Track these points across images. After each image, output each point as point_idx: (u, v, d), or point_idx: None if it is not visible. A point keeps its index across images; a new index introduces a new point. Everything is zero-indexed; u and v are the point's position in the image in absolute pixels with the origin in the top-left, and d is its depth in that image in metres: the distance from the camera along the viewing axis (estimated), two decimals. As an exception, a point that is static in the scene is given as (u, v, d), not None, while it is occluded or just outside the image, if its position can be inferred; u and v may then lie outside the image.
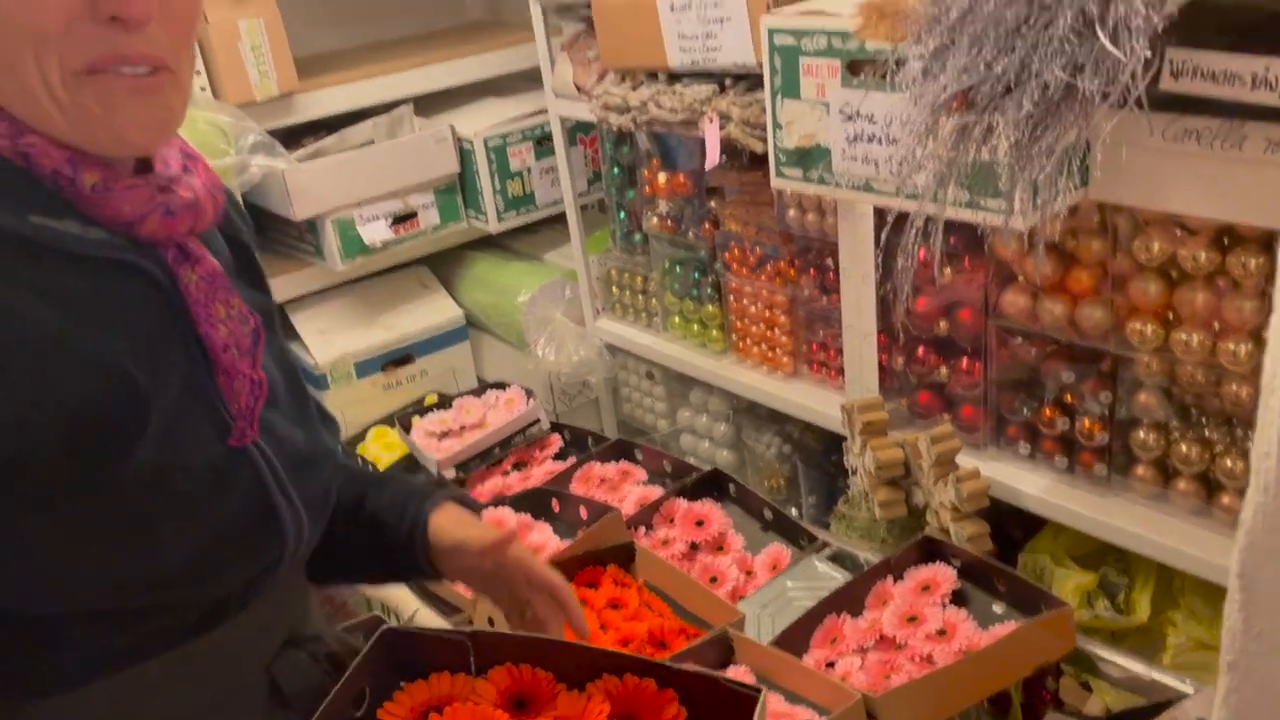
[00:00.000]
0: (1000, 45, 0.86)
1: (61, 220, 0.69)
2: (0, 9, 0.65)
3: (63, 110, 0.68)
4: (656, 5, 1.59)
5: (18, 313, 0.67)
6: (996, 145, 0.89)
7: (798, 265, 1.73)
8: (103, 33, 0.66)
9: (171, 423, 0.74)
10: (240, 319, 0.79)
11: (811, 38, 1.17)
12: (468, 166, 2.20)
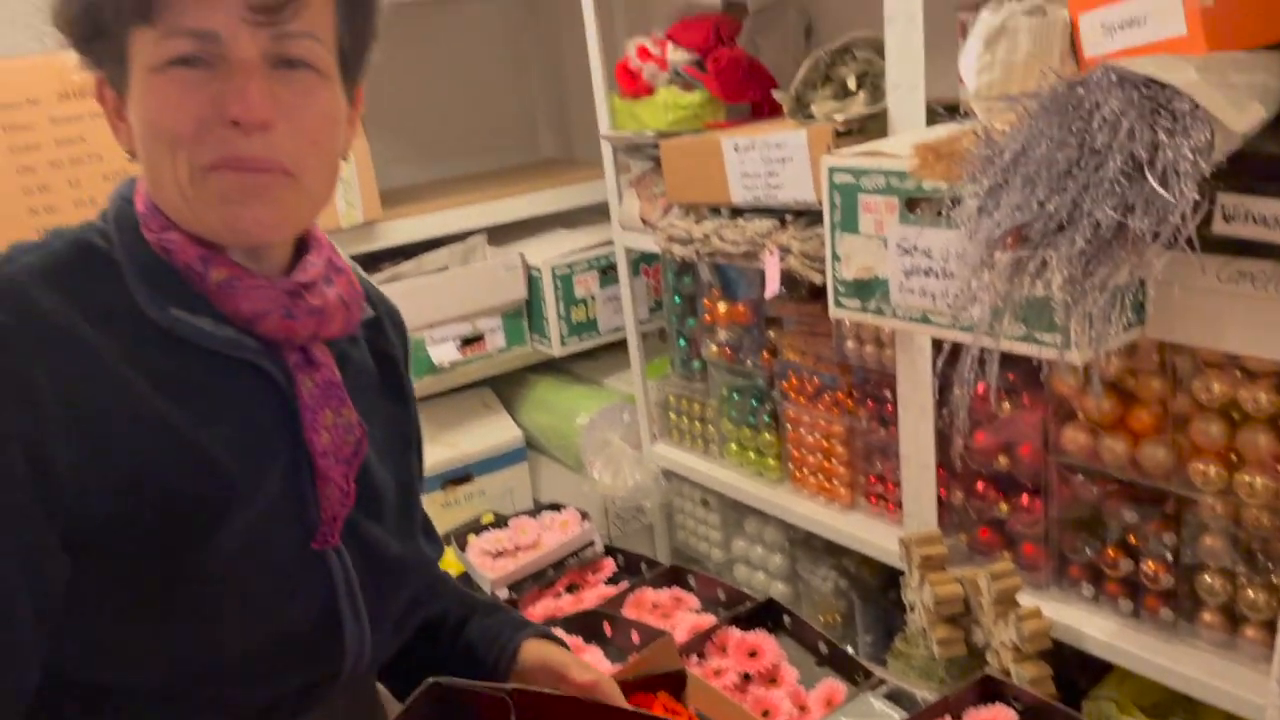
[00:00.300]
0: (1052, 185, 0.89)
1: (197, 316, 0.75)
2: (146, 115, 0.73)
3: (188, 203, 0.75)
4: (721, 146, 1.67)
5: (133, 393, 0.72)
6: (1050, 280, 0.91)
7: (855, 396, 1.75)
8: (226, 134, 0.73)
9: (262, 517, 0.77)
10: (345, 428, 0.82)
11: (870, 177, 1.21)
12: (535, 293, 2.28)
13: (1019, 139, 0.92)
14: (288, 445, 0.80)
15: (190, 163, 0.73)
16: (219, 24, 0.72)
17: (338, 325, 0.83)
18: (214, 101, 0.73)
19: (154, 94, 0.73)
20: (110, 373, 0.71)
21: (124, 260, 0.76)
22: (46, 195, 1.75)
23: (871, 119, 1.50)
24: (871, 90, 1.53)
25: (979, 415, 1.50)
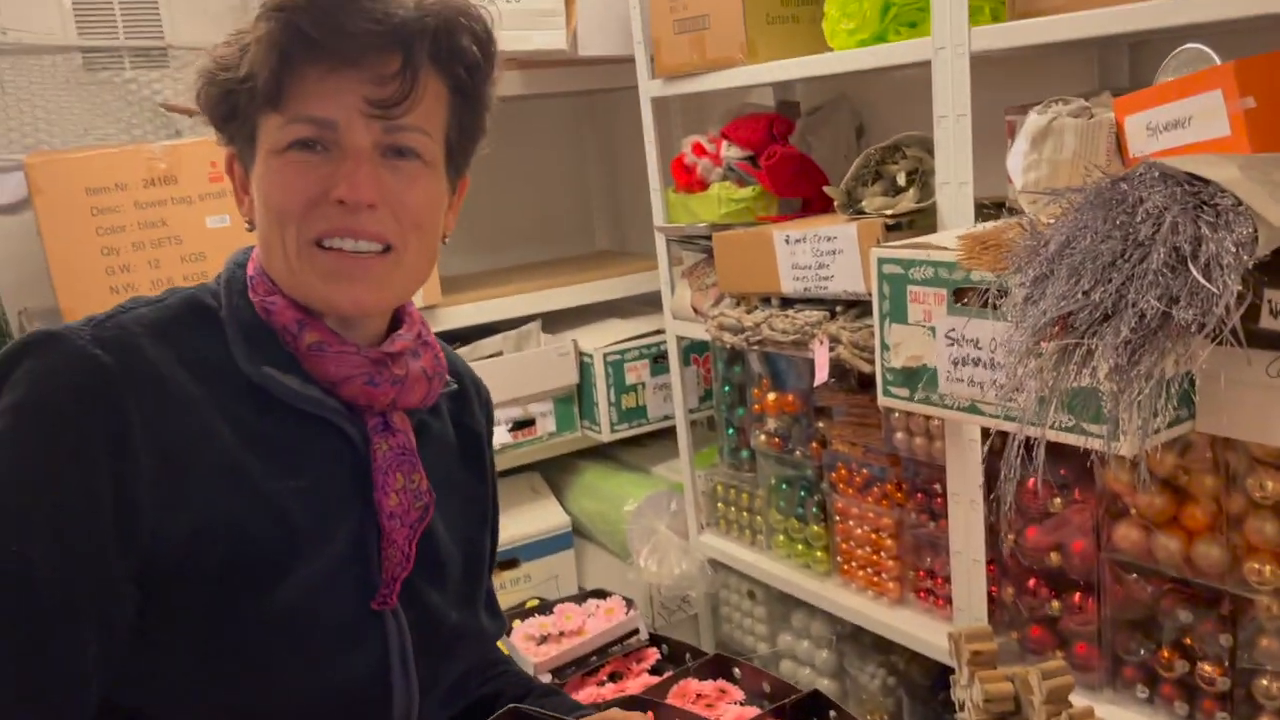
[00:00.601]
0: (1097, 276, 0.91)
1: (286, 374, 0.80)
2: (264, 192, 0.80)
3: (294, 274, 0.81)
4: (773, 238, 1.71)
5: (219, 441, 0.76)
6: (1096, 369, 0.92)
7: (905, 489, 1.74)
8: (332, 212, 0.80)
9: (325, 572, 0.80)
10: (414, 494, 0.85)
11: (918, 268, 1.24)
12: (586, 379, 2.32)
13: (1064, 230, 0.95)
14: (358, 505, 0.83)
15: (299, 238, 0.80)
16: (339, 114, 0.79)
17: (418, 396, 0.87)
18: (324, 182, 0.79)
19: (273, 173, 0.80)
20: (200, 421, 0.76)
21: (228, 319, 0.82)
22: (127, 275, 1.84)
23: (921, 214, 1.54)
24: (921, 187, 1.57)
25: (1031, 510, 1.49)
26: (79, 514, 0.71)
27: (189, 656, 0.76)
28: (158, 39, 2.41)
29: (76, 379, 0.73)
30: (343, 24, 0.77)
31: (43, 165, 1.82)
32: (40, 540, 0.71)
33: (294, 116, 0.79)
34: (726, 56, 1.82)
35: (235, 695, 0.77)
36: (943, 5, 1.42)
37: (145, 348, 0.76)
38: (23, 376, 0.73)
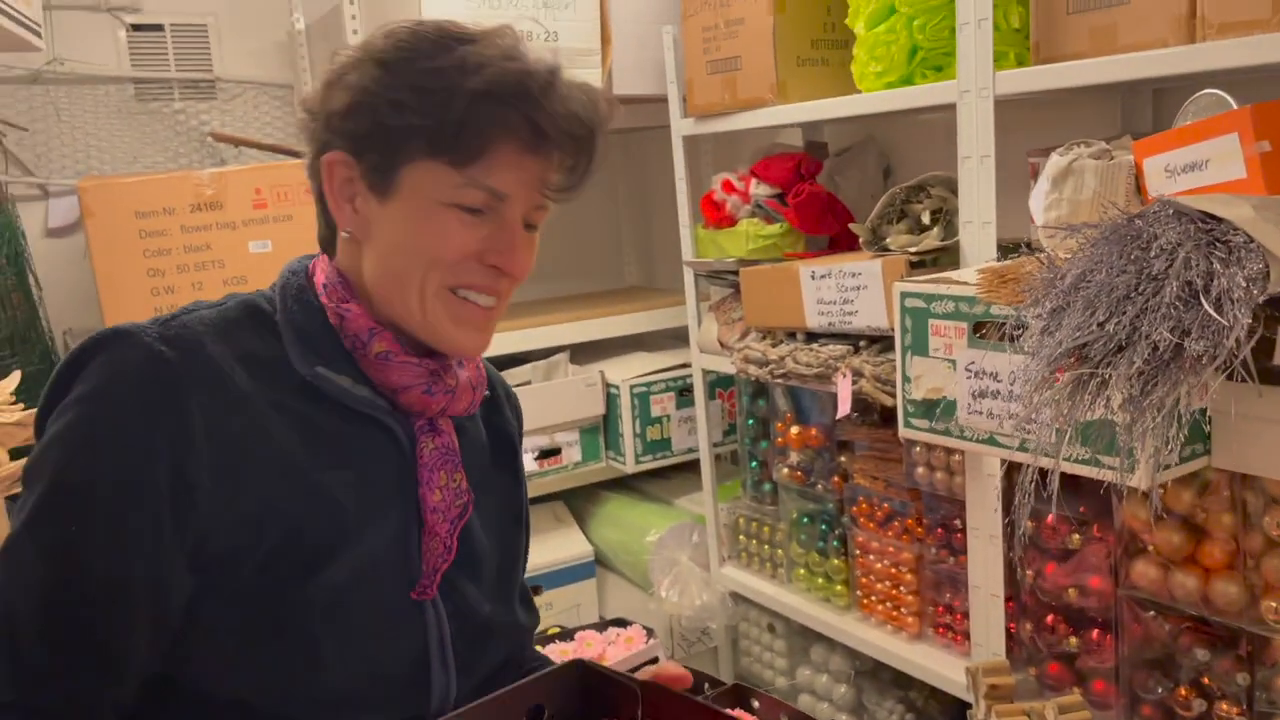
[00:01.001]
0: (1112, 309, 0.94)
1: (339, 375, 0.85)
2: (416, 234, 0.84)
3: (424, 310, 0.86)
4: (799, 273, 1.75)
5: (271, 434, 0.80)
6: (1110, 398, 0.95)
7: (925, 524, 1.76)
8: (482, 270, 0.87)
9: (370, 560, 0.84)
10: (456, 492, 0.90)
11: (940, 302, 1.27)
12: (612, 410, 2.35)
13: (1080, 264, 0.98)
14: (402, 500, 0.87)
15: (440, 282, 0.86)
16: (515, 191, 0.85)
17: (464, 404, 0.92)
18: (481, 244, 0.85)
19: (434, 223, 0.84)
20: (255, 415, 0.80)
21: (283, 322, 0.87)
22: (171, 296, 1.90)
23: (944, 252, 1.57)
24: (945, 226, 1.60)
25: (1050, 547, 1.50)
26: (136, 501, 0.76)
27: (241, 637, 0.79)
28: (206, 72, 2.50)
29: (143, 373, 0.78)
30: (560, 124, 0.83)
31: (95, 189, 1.89)
32: (96, 523, 0.75)
33: (474, 182, 0.83)
34: (757, 97, 1.87)
35: (288, 674, 0.80)
36: (968, 50, 1.47)
37: (207, 346, 0.81)
38: (94, 370, 0.78)
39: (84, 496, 0.76)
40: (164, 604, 0.78)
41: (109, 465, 0.76)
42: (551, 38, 2.03)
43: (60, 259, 2.30)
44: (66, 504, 0.76)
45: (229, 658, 0.80)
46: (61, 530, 0.75)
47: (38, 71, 2.30)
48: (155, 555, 0.76)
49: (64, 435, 0.77)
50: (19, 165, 2.31)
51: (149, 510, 0.76)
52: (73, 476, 0.76)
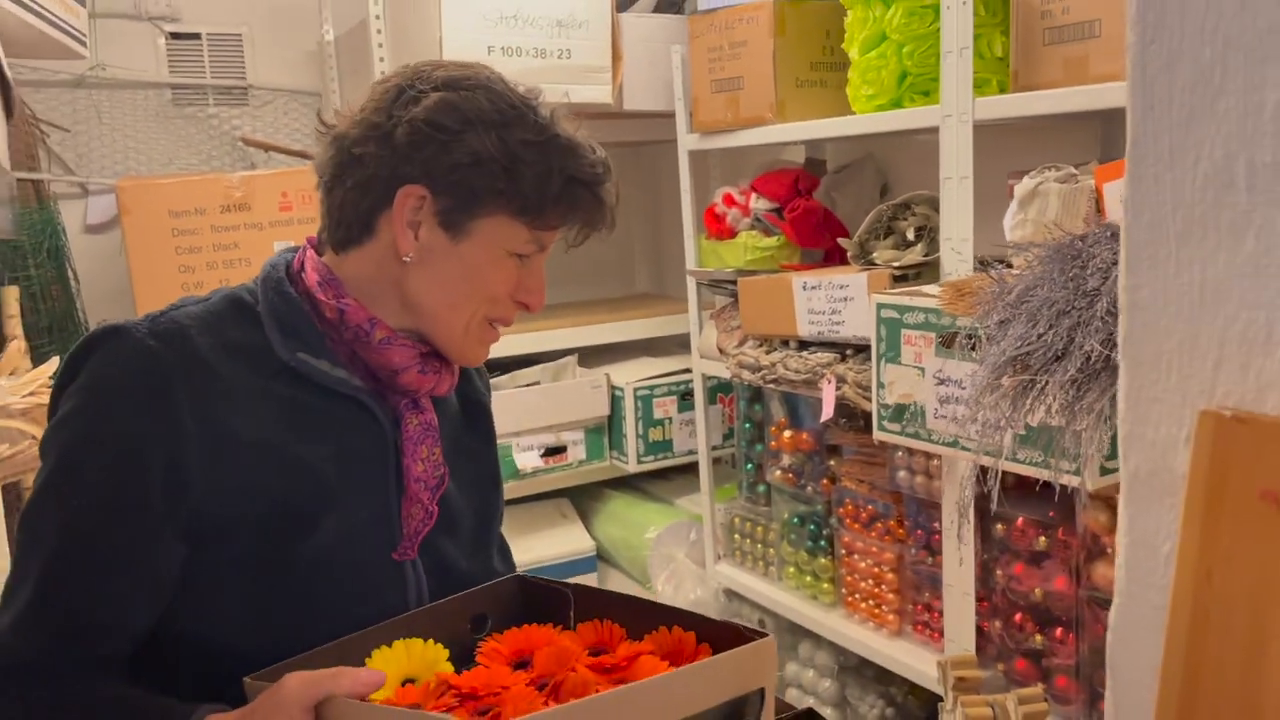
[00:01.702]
0: (1051, 321, 1.02)
1: (318, 360, 0.94)
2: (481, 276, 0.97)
3: (465, 334, 0.99)
4: (793, 284, 1.84)
5: (256, 415, 0.90)
6: (1049, 403, 1.04)
7: (906, 525, 1.84)
8: (511, 305, 1.00)
9: (354, 525, 0.93)
10: (435, 464, 1.00)
11: (912, 313, 1.36)
12: (616, 411, 2.45)
13: (1025, 281, 1.07)
14: (382, 470, 0.97)
15: (486, 314, 1.00)
16: (550, 243, 1.01)
17: (447, 384, 1.02)
18: (516, 280, 1.00)
19: (498, 268, 0.98)
20: (239, 398, 0.90)
21: (265, 312, 0.96)
22: (200, 291, 2.01)
23: (927, 267, 1.66)
24: (929, 242, 1.69)
25: (1019, 548, 1.58)
26: (129, 479, 0.86)
27: (240, 596, 0.89)
28: (240, 79, 2.63)
29: (135, 366, 0.87)
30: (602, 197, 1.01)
31: (132, 189, 2.01)
32: (96, 499, 0.85)
33: (536, 239, 0.99)
34: (758, 115, 1.96)
35: (284, 627, 0.90)
36: (950, 76, 1.56)
37: (193, 338, 0.90)
38: (93, 363, 0.88)
39: (84, 474, 0.86)
40: (157, 570, 0.88)
41: (105, 448, 0.86)
42: (565, 55, 2.13)
43: (96, 254, 2.42)
44: (70, 480, 0.86)
45: (228, 614, 0.89)
46: (65, 503, 0.86)
47: (81, 76, 2.43)
48: (147, 526, 0.86)
49: (68, 420, 0.88)
50: (61, 164, 2.44)
51: (141, 487, 0.86)
52: (75, 457, 0.87)
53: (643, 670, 0.83)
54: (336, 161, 0.97)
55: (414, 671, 0.85)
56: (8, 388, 1.50)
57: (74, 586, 0.86)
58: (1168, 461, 0.47)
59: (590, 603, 0.92)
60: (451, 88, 0.94)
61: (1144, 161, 0.46)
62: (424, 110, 0.93)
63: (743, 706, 0.82)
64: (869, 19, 1.72)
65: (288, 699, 0.76)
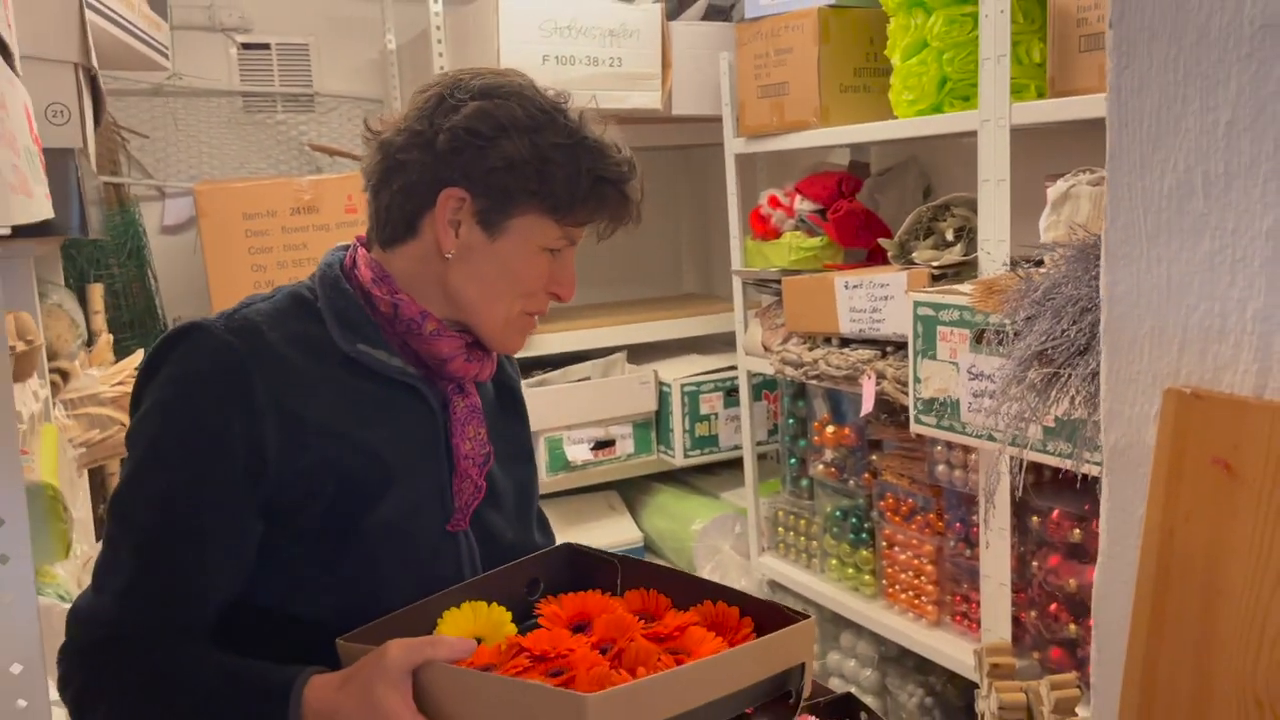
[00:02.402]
0: (1075, 317, 1.08)
1: (376, 350, 1.03)
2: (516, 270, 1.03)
3: (505, 325, 1.06)
4: (834, 284, 1.90)
5: (322, 401, 0.99)
6: (1074, 396, 1.09)
7: (946, 519, 1.89)
8: (544, 297, 1.07)
9: (411, 501, 1.02)
10: (480, 443, 1.08)
11: (947, 311, 1.42)
12: (664, 407, 2.52)
13: (1051, 278, 1.12)
14: (435, 450, 1.05)
15: (522, 308, 1.06)
16: (580, 237, 1.07)
17: (488, 370, 1.10)
18: (549, 274, 1.06)
19: (532, 263, 1.04)
20: (307, 386, 0.99)
21: (324, 307, 1.04)
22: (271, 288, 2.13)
23: (965, 266, 1.71)
24: (968, 242, 1.74)
25: (1055, 540, 1.63)
26: (214, 461, 0.94)
27: (314, 564, 0.98)
28: (306, 87, 2.75)
29: (214, 358, 0.96)
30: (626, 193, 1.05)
31: (209, 192, 2.13)
32: (185, 481, 0.94)
33: (566, 235, 1.04)
34: (802, 120, 2.03)
35: (345, 597, 0.98)
36: (989, 82, 1.61)
37: (264, 332, 0.99)
38: (176, 357, 0.97)
39: (173, 459, 0.95)
40: (240, 544, 0.96)
41: (191, 434, 0.95)
42: (616, 63, 2.22)
43: (172, 254, 2.56)
44: (160, 465, 0.95)
45: (303, 583, 0.98)
46: (156, 485, 0.95)
47: (159, 85, 2.57)
48: (231, 504, 0.95)
49: (154, 412, 0.96)
50: (139, 169, 2.58)
51: (225, 468, 0.94)
52: (163, 444, 0.95)
53: (693, 640, 0.88)
54: (383, 166, 1.03)
55: (482, 632, 0.93)
56: (99, 377, 1.61)
57: (169, 561, 0.94)
58: (1141, 435, 0.53)
59: (635, 573, 0.99)
60: (487, 96, 1.01)
61: (1119, 171, 0.53)
62: (463, 118, 1.00)
63: (786, 678, 0.89)
64: (911, 26, 1.78)
65: (392, 664, 0.83)
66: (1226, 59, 0.47)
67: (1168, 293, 0.51)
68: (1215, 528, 0.48)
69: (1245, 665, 0.47)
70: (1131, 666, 0.51)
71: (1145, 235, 0.52)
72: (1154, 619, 0.51)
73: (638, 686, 0.77)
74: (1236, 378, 0.49)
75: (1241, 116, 0.47)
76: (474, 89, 1.01)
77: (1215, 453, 0.47)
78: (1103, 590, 0.56)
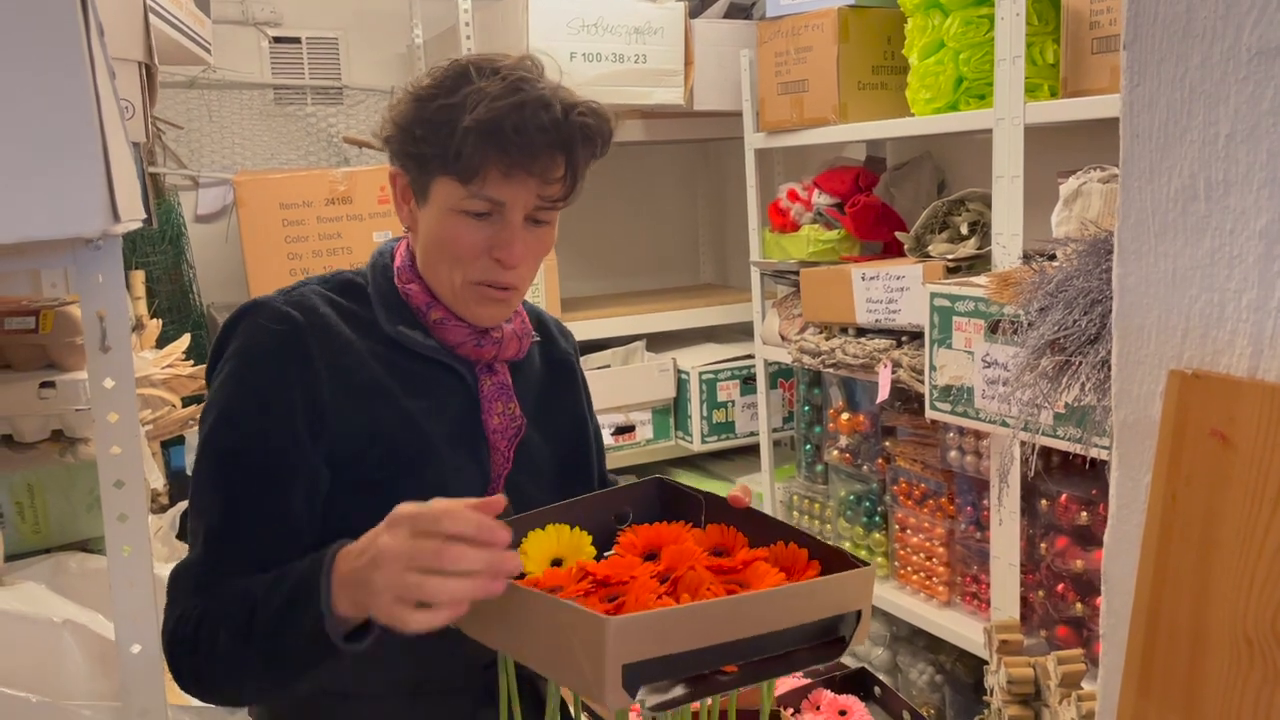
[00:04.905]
0: (1086, 308, 1.15)
1: (414, 331, 1.11)
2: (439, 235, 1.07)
3: (454, 295, 1.11)
4: (851, 275, 1.97)
5: (371, 372, 1.08)
6: (1084, 383, 1.16)
7: (957, 503, 1.96)
8: (490, 264, 1.08)
9: (451, 468, 1.10)
10: (510, 418, 1.15)
11: (962, 301, 1.49)
12: (682, 393, 2.60)
13: (1063, 272, 1.19)
14: (470, 424, 1.13)
15: (463, 276, 1.09)
16: (510, 198, 1.07)
17: (512, 350, 1.16)
18: (487, 241, 1.07)
19: (448, 226, 1.07)
20: (358, 356, 1.07)
21: (372, 292, 1.13)
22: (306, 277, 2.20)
23: (980, 260, 1.78)
24: (981, 236, 1.81)
25: (1062, 523, 1.70)
26: (281, 417, 1.03)
27: (366, 521, 1.05)
28: (335, 80, 2.82)
29: (276, 327, 1.05)
30: (527, 135, 1.01)
31: (247, 183, 2.20)
32: (255, 433, 1.03)
33: (476, 194, 1.04)
34: (821, 116, 2.09)
35: None
36: (1004, 82, 1.67)
37: (319, 307, 1.08)
38: (242, 330, 1.07)
39: (244, 419, 1.04)
40: (314, 490, 1.04)
41: (259, 395, 1.04)
42: (640, 60, 2.28)
43: (209, 242, 2.64)
44: (233, 427, 1.04)
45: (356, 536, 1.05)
46: (231, 446, 1.03)
47: (194, 78, 2.64)
48: (301, 455, 1.03)
49: (226, 380, 1.06)
50: (175, 159, 2.66)
51: (291, 425, 1.03)
52: (235, 406, 1.04)
53: (756, 574, 0.91)
54: None
55: (562, 554, 0.98)
56: (150, 360, 1.69)
57: (254, 510, 1.02)
58: (1148, 411, 0.60)
59: (718, 510, 1.04)
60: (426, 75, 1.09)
61: (1131, 177, 0.60)
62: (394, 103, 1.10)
63: (839, 622, 0.91)
64: (928, 27, 1.84)
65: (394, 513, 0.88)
66: (1226, 80, 0.54)
67: (1173, 285, 0.58)
68: (1212, 491, 0.55)
69: (1236, 609, 0.54)
70: (1137, 613, 0.59)
71: (1153, 234, 0.58)
72: (1157, 571, 0.58)
73: (666, 614, 0.78)
74: (1232, 360, 0.55)
75: (1239, 130, 0.54)
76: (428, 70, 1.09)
77: (1213, 426, 0.54)
78: (1112, 551, 0.63)
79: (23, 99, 0.77)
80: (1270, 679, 0.53)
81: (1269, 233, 0.53)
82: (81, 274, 0.89)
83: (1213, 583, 0.55)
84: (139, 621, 0.92)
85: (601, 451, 1.30)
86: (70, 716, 1.17)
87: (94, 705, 1.19)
